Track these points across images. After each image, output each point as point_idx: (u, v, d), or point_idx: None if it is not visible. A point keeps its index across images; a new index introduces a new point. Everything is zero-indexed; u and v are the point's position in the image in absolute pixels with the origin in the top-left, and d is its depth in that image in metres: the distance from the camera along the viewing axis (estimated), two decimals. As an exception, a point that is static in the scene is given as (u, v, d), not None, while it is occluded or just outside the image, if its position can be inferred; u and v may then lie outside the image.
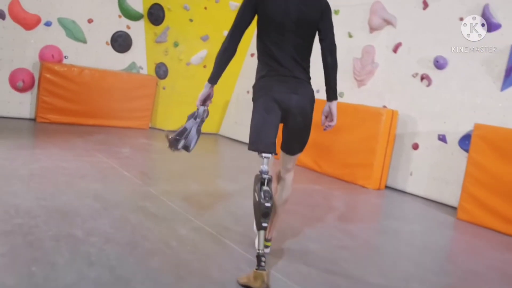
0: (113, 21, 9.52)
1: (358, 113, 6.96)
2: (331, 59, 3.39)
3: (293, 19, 3.13)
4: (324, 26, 3.29)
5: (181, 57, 9.50)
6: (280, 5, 3.12)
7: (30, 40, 8.76)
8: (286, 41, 3.16)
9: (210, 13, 9.26)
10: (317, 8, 3.21)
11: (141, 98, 9.57)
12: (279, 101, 3.11)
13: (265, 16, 3.14)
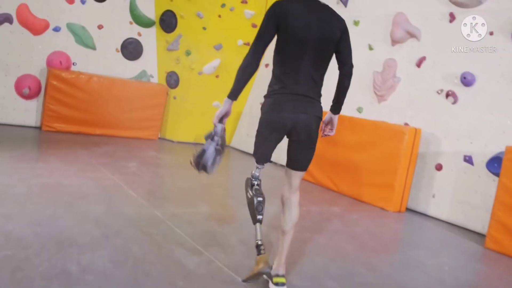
0: (123, 27, 9.23)
1: (378, 130, 6.58)
2: (348, 83, 3.45)
3: (314, 36, 3.11)
4: (344, 49, 3.32)
5: (193, 66, 9.17)
6: (302, 21, 3.10)
7: (38, 46, 8.48)
8: (305, 58, 3.13)
9: (224, 22, 8.93)
10: (338, 27, 3.21)
11: (151, 107, 9.24)
12: (286, 119, 3.12)
13: (286, 31, 3.11)
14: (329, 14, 3.23)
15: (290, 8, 3.13)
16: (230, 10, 8.86)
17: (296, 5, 3.15)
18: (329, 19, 3.19)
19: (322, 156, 7.21)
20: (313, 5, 3.18)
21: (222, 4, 8.75)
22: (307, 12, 3.12)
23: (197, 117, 9.28)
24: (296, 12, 3.12)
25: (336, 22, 3.22)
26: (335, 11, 3.31)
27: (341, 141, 6.97)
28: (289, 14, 3.10)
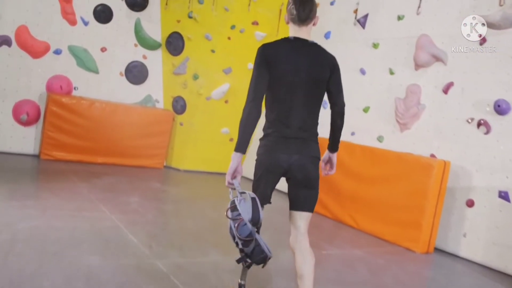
0: (128, 50, 8.79)
1: (403, 163, 6.02)
2: (340, 122, 3.39)
3: (303, 77, 3.09)
4: (334, 88, 3.25)
5: (201, 91, 8.68)
6: (291, 63, 3.08)
7: (37, 69, 8.04)
8: (296, 100, 3.11)
9: (234, 44, 8.47)
10: (327, 66, 3.18)
11: (156, 134, 8.74)
12: (280, 160, 3.10)
13: (276, 75, 3.08)
14: (318, 53, 3.19)
15: (277, 51, 3.10)
16: (240, 32, 8.39)
17: (283, 47, 3.12)
18: (318, 58, 3.16)
19: (340, 188, 6.66)
20: (301, 45, 3.14)
21: (232, 26, 8.30)
22: (295, 53, 3.10)
23: (205, 144, 8.79)
24: (284, 54, 3.09)
25: (326, 61, 3.19)
26: (325, 49, 3.26)
27: (362, 173, 6.42)
28: (277, 57, 3.08)
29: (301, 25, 3.16)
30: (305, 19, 3.14)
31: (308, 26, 3.18)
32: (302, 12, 3.12)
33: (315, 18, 3.20)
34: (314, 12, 3.19)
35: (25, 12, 7.86)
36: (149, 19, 8.85)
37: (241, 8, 8.20)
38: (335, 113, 3.35)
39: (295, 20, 3.15)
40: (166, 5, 8.76)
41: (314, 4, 3.20)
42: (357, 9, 7.50)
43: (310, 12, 3.15)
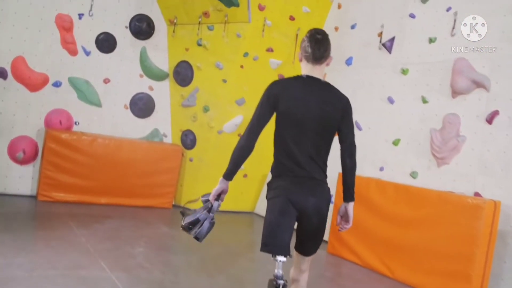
0: (133, 81, 8.19)
1: (444, 203, 5.27)
2: (350, 161, 3.24)
3: (314, 117, 3.06)
4: (344, 127, 3.18)
5: (212, 124, 8.02)
6: (301, 102, 3.06)
7: (35, 104, 7.44)
8: (306, 140, 3.08)
9: (247, 73, 7.82)
10: (338, 106, 3.13)
11: (164, 171, 8.05)
12: (294, 203, 3.05)
13: (285, 114, 3.08)
14: (330, 93, 3.15)
15: (288, 88, 3.10)
16: (253, 60, 7.76)
17: (294, 85, 3.11)
18: (330, 99, 3.12)
19: (371, 232, 5.91)
20: (313, 84, 3.11)
21: (245, 53, 7.67)
22: (306, 92, 3.07)
23: (216, 181, 8.00)
24: (295, 93, 3.07)
25: (338, 102, 3.14)
26: (338, 89, 3.20)
27: (396, 215, 5.68)
28: (287, 95, 3.06)
29: (315, 64, 3.12)
30: (320, 58, 3.11)
31: (322, 65, 3.15)
32: (317, 51, 3.09)
33: (329, 58, 3.17)
34: (329, 51, 3.16)
35: (22, 42, 7.30)
36: (156, 48, 8.28)
37: (254, 34, 7.59)
38: (343, 152, 3.22)
39: (309, 58, 3.12)
40: (174, 33, 8.18)
41: (329, 44, 3.17)
42: (382, 32, 6.86)
43: (325, 52, 3.12)
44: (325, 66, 3.20)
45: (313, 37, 3.14)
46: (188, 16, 7.97)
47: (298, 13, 7.64)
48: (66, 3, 7.54)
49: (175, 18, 8.13)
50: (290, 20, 7.65)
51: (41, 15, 7.39)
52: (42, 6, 7.38)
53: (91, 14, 7.71)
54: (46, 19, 7.43)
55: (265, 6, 7.44)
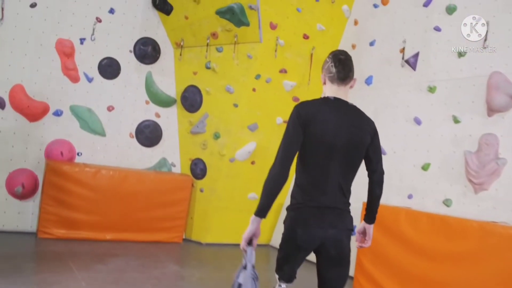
0: (138, 108, 7.75)
1: (485, 235, 4.67)
2: (379, 191, 3.17)
3: (343, 141, 2.95)
4: (374, 154, 3.08)
5: (223, 152, 7.50)
6: (330, 124, 2.95)
7: (35, 134, 6.98)
8: (333, 165, 2.96)
9: (259, 96, 7.32)
10: (368, 130, 3.05)
11: (173, 203, 7.50)
12: (313, 236, 2.95)
13: (313, 136, 2.94)
14: (359, 116, 3.07)
15: (316, 110, 2.98)
16: (266, 82, 7.27)
17: (322, 107, 3.00)
18: (359, 122, 3.04)
19: (402, 268, 5.29)
20: (341, 106, 3.03)
21: (257, 75, 7.19)
22: (335, 114, 2.97)
23: (229, 213, 7.53)
24: (323, 115, 2.97)
25: (366, 126, 3.06)
26: (364, 113, 3.11)
27: (430, 249, 5.07)
28: (315, 117, 2.94)
29: (340, 85, 3.04)
30: (345, 78, 3.03)
31: (346, 86, 3.06)
32: (342, 70, 3.01)
33: (353, 80, 3.09)
34: (353, 72, 3.08)
35: (21, 70, 6.89)
36: (162, 72, 7.85)
37: (266, 55, 7.11)
38: (373, 181, 3.16)
39: (333, 79, 3.03)
40: (180, 56, 7.75)
41: (353, 65, 3.08)
42: (404, 47, 6.36)
43: (349, 72, 3.05)
44: (349, 88, 3.11)
45: (336, 57, 3.06)
46: (195, 38, 7.54)
47: (312, 31, 7.18)
48: (67, 28, 7.14)
49: (181, 40, 7.72)
50: (304, 39, 7.19)
51: (41, 41, 7.00)
52: (42, 32, 7.00)
53: (93, 38, 7.32)
54: (46, 44, 7.03)
55: (277, 25, 6.99)
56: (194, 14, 7.39)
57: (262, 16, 6.81)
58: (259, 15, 6.80)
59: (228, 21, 7.03)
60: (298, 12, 7.04)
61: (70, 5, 7.16)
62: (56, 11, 7.08)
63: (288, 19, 7.03)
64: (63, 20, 7.12)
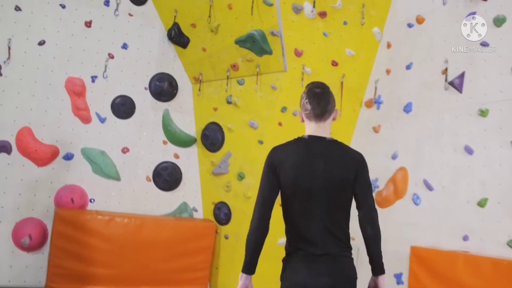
0: (156, 149, 7.18)
1: None
2: (371, 230, 2.90)
3: (322, 184, 2.83)
4: (360, 189, 2.90)
5: (249, 194, 6.81)
6: (304, 169, 2.85)
7: (44, 180, 6.48)
8: (315, 210, 2.85)
9: (286, 131, 6.61)
10: (351, 166, 2.89)
11: (196, 252, 6.84)
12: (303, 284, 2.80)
13: (288, 183, 2.86)
14: (339, 152, 2.93)
15: (287, 154, 2.91)
16: (293, 115, 6.60)
17: (295, 149, 2.92)
18: (339, 159, 2.90)
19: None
20: (316, 145, 2.91)
21: (283, 108, 6.55)
22: (309, 155, 2.86)
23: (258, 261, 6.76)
24: (295, 158, 2.86)
25: (349, 161, 2.91)
26: (348, 146, 3.02)
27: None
28: (286, 162, 2.86)
29: (318, 122, 2.94)
30: (322, 115, 2.93)
31: (326, 122, 2.96)
32: (317, 106, 2.92)
33: (334, 112, 2.97)
34: (332, 105, 2.97)
35: (29, 112, 6.46)
36: (180, 110, 7.31)
37: (292, 85, 6.48)
38: (362, 219, 2.93)
39: (310, 116, 2.95)
40: (199, 91, 7.22)
41: (331, 97, 2.99)
42: (447, 68, 5.63)
43: (326, 105, 2.93)
44: (330, 122, 2.99)
45: (311, 92, 2.95)
46: (214, 71, 7.01)
47: (342, 57, 6.54)
48: (77, 65, 6.72)
49: (200, 74, 7.20)
50: (332, 66, 6.55)
51: (50, 80, 6.58)
52: (51, 70, 6.59)
53: (106, 76, 6.86)
54: (55, 84, 6.61)
55: (302, 51, 6.38)
56: (212, 45, 6.88)
57: (285, 42, 6.22)
58: (282, 41, 6.21)
59: (249, 51, 6.48)
60: (324, 36, 6.43)
61: (80, 42, 6.76)
62: (66, 48, 6.68)
63: (314, 44, 6.43)
64: (73, 58, 6.72)
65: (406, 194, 5.83)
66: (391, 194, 6.00)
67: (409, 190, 5.83)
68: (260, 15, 6.24)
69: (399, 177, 5.95)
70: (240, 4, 6.35)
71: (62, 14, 6.67)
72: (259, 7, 6.20)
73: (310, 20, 6.31)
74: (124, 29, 7.00)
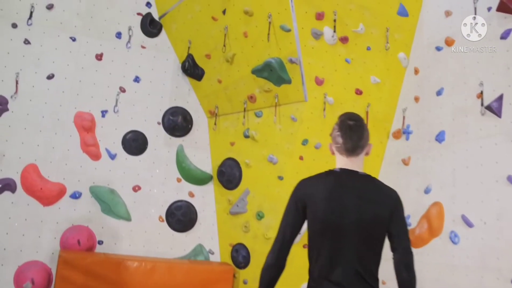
0: (169, 187, 6.74)
1: None
2: (408, 274, 2.70)
3: (354, 221, 2.67)
4: (395, 230, 2.74)
5: (269, 235, 6.28)
6: (335, 204, 2.70)
7: (49, 220, 6.09)
8: (345, 250, 2.66)
9: (308, 166, 6.14)
10: (386, 203, 2.75)
11: (211, 299, 6.26)
12: None
13: (315, 219, 2.74)
14: (373, 188, 2.78)
15: (317, 187, 2.77)
16: (315, 148, 6.14)
17: (325, 182, 2.78)
18: (373, 195, 2.75)
19: None
20: (349, 179, 2.77)
21: (304, 141, 6.09)
22: (341, 190, 2.73)
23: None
24: (326, 192, 2.73)
25: (384, 198, 2.77)
26: (381, 181, 2.83)
27: None
28: (314, 196, 2.73)
29: (350, 156, 2.81)
30: (354, 149, 2.79)
31: (358, 156, 2.82)
32: (350, 140, 2.79)
33: (367, 146, 2.85)
34: (365, 140, 2.84)
35: (35, 148, 6.13)
36: (195, 145, 6.92)
37: (313, 116, 6.03)
38: (397, 262, 2.71)
39: (341, 150, 2.84)
40: (215, 125, 6.83)
41: (365, 130, 2.85)
42: (482, 91, 5.14)
43: (359, 140, 2.80)
44: (363, 156, 2.86)
45: (343, 124, 2.85)
46: (231, 103, 6.63)
47: (366, 85, 6.10)
48: (87, 100, 6.42)
49: (215, 108, 6.83)
50: (356, 95, 6.10)
51: (58, 115, 6.28)
52: (59, 105, 6.29)
53: (117, 110, 6.54)
54: (63, 119, 6.30)
55: (323, 79, 5.97)
56: (228, 76, 6.53)
57: (305, 70, 5.82)
58: (301, 69, 5.81)
59: (267, 80, 6.10)
60: (347, 63, 6.02)
61: (91, 75, 6.48)
62: (75, 82, 6.40)
63: (336, 72, 6.01)
64: (83, 92, 6.42)
65: (443, 232, 5.23)
66: (426, 232, 5.41)
67: (445, 228, 5.24)
68: (278, 42, 5.88)
69: (433, 213, 5.37)
70: (256, 31, 6.03)
71: (72, 47, 6.44)
72: (276, 33, 5.86)
73: (331, 46, 5.92)
74: (137, 62, 6.73)
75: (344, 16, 5.90)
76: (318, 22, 5.83)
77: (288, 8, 5.66)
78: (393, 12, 6.10)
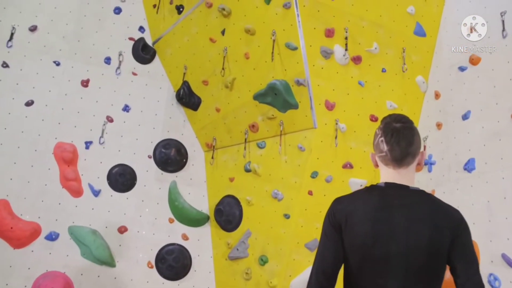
0: (160, 228, 5.99)
1: None
2: None
3: (401, 247, 2.17)
4: (459, 259, 2.22)
5: (274, 282, 5.51)
6: (379, 226, 2.20)
7: (19, 265, 5.31)
8: (392, 282, 2.14)
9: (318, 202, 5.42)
10: (443, 226, 2.21)
11: None
12: None
13: (354, 244, 2.23)
14: (428, 207, 2.26)
15: (356, 206, 2.28)
16: (326, 182, 5.46)
17: (366, 201, 2.29)
18: (428, 215, 2.22)
19: None
20: (397, 196, 2.27)
21: (313, 173, 5.41)
22: (386, 208, 2.23)
23: None
24: (367, 213, 2.23)
25: (443, 219, 2.23)
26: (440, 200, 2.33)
27: None
28: (354, 216, 2.24)
29: (398, 168, 2.32)
30: (403, 158, 2.31)
31: (408, 167, 2.34)
32: (396, 146, 2.30)
33: (419, 154, 2.39)
34: (416, 145, 2.36)
35: (7, 182, 5.44)
36: (190, 182, 6.23)
37: (323, 145, 5.40)
38: None
39: (386, 160, 2.35)
40: (213, 159, 6.18)
41: (415, 134, 2.36)
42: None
43: (409, 146, 2.32)
44: (414, 168, 2.38)
45: (388, 127, 2.34)
46: (230, 134, 6.01)
47: (381, 111, 5.46)
48: (70, 129, 5.78)
49: (213, 140, 6.20)
50: (371, 121, 5.49)
51: (35, 145, 5.61)
52: (38, 134, 5.64)
53: (102, 141, 5.89)
54: (42, 150, 5.63)
55: (334, 104, 5.36)
56: (227, 104, 5.93)
57: (314, 93, 5.24)
58: (310, 92, 5.22)
59: (270, 106, 5.50)
60: (360, 86, 5.44)
61: (75, 103, 5.86)
62: (57, 110, 5.77)
63: (349, 96, 5.42)
64: (65, 120, 5.79)
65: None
66: (458, 276, 4.65)
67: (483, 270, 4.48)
68: (283, 62, 5.33)
69: (467, 253, 4.63)
70: (258, 52, 5.48)
71: (56, 71, 5.86)
72: (281, 52, 5.31)
73: (343, 66, 5.36)
74: (127, 90, 6.14)
75: (356, 34, 5.37)
76: (327, 39, 5.29)
77: (294, 24, 5.14)
78: (409, 32, 5.59)
